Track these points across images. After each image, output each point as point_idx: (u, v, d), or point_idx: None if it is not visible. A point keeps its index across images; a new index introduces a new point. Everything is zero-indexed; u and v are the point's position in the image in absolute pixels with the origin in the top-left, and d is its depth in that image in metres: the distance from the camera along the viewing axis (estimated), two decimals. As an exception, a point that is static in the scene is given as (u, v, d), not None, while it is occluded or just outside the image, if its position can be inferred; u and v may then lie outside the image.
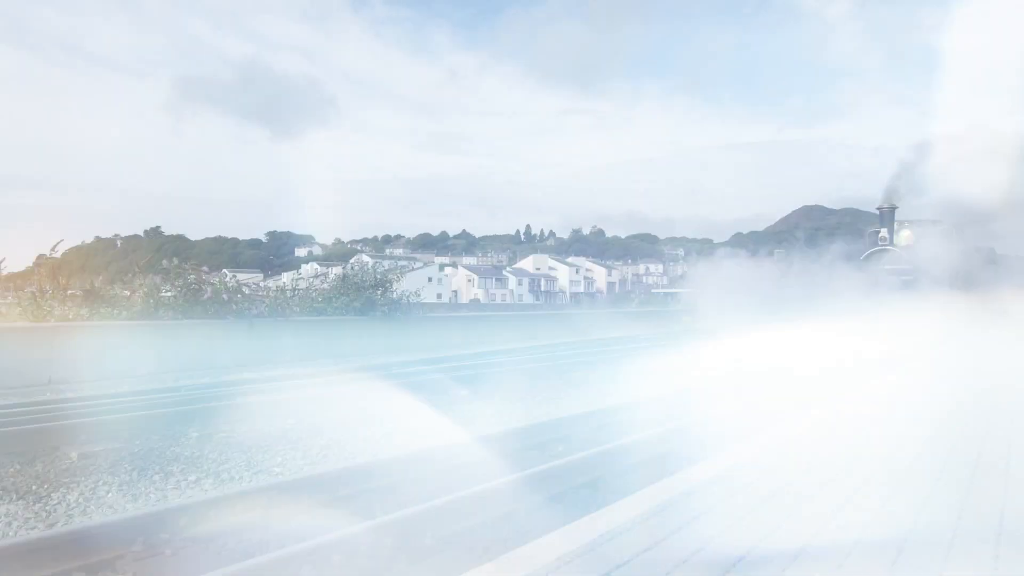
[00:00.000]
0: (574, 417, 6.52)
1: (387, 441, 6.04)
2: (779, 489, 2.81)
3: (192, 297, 10.79)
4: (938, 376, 7.53)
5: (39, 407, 6.75)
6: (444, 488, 3.94)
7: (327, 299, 13.76)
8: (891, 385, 6.52)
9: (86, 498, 4.24)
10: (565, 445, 5.57)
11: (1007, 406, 5.01)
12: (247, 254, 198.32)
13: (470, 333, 16.67)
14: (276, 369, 10.98)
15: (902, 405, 5.36)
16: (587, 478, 4.42)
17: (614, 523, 2.37)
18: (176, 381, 9.39)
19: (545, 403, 8.24)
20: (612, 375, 10.12)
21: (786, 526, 2.39)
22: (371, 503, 4.14)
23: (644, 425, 5.68)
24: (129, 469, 4.86)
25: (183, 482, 4.63)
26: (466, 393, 8.58)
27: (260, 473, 4.91)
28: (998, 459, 3.29)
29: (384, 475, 4.46)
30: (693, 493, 2.77)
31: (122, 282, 11.18)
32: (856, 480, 2.96)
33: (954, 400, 5.43)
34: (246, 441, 5.82)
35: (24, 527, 3.74)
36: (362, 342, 13.23)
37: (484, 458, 4.69)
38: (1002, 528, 2.34)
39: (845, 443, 3.77)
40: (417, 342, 14.66)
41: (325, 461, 5.29)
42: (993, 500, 2.65)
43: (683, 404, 6.89)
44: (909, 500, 2.66)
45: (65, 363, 8.76)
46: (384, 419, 6.95)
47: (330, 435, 6.16)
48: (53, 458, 5.16)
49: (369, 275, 14.24)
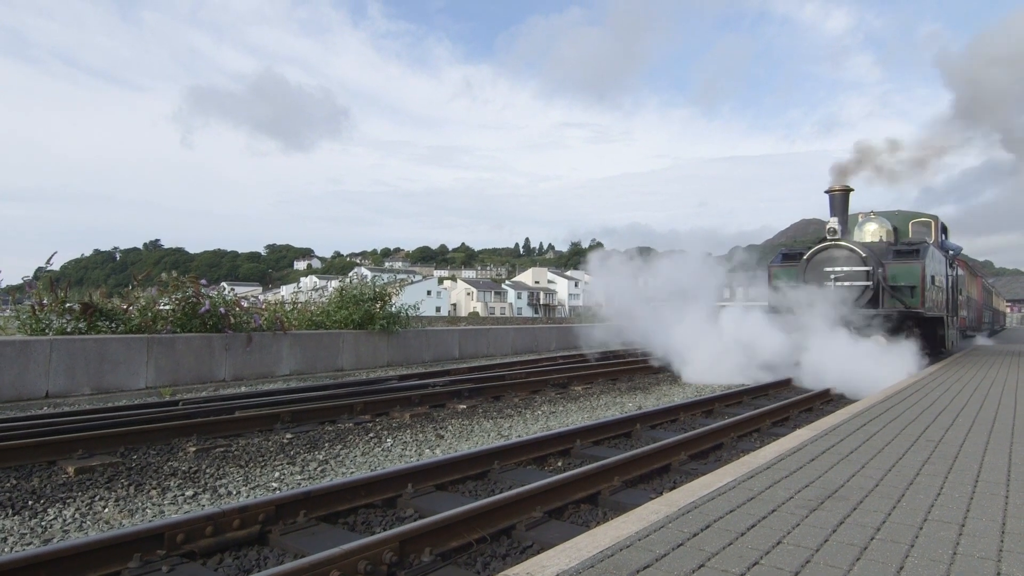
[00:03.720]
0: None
1: (384, 456, 6.03)
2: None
3: (190, 310, 10.77)
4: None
5: (36, 421, 6.72)
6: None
7: (326, 312, 13.75)
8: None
9: (82, 513, 4.21)
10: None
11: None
12: (246, 267, 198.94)
13: (467, 345, 16.65)
14: (274, 383, 10.96)
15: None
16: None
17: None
18: (174, 395, 9.36)
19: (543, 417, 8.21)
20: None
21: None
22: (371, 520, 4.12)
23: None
24: (126, 484, 4.84)
25: (180, 497, 4.61)
26: (464, 407, 8.57)
27: (257, 488, 4.89)
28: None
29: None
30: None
31: (120, 295, 11.16)
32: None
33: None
34: (243, 456, 5.80)
35: (20, 543, 3.72)
36: (362, 355, 13.21)
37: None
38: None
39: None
40: (416, 355, 14.66)
41: (322, 476, 5.28)
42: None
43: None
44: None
45: (62, 376, 8.73)
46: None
47: (328, 450, 6.15)
48: (50, 472, 5.14)
49: (368, 288, 14.23)
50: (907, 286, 11.94)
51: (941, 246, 15.08)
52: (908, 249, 12.54)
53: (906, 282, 11.96)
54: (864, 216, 13.99)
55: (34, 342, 8.55)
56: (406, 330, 14.46)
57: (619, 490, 4.67)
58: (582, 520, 4.16)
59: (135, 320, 10.23)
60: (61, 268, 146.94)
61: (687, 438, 5.99)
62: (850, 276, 12.17)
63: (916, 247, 12.54)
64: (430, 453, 6.16)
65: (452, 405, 8.76)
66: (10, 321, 9.84)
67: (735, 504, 3.11)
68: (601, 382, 11.74)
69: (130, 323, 10.16)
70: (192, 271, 20.03)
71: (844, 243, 12.42)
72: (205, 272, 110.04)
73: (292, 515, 3.87)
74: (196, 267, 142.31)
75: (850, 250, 12.28)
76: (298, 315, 13.41)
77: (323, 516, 4.01)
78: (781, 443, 4.66)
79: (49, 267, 10.79)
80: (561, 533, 3.68)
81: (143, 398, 9.10)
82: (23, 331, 9.50)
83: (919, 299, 11.89)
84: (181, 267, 17.30)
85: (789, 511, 3.02)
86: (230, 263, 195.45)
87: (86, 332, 9.64)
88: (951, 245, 16.26)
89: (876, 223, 13.59)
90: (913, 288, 11.93)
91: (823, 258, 12.53)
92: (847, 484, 3.52)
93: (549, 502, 4.17)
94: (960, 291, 17.83)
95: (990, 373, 10.20)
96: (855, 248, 12.28)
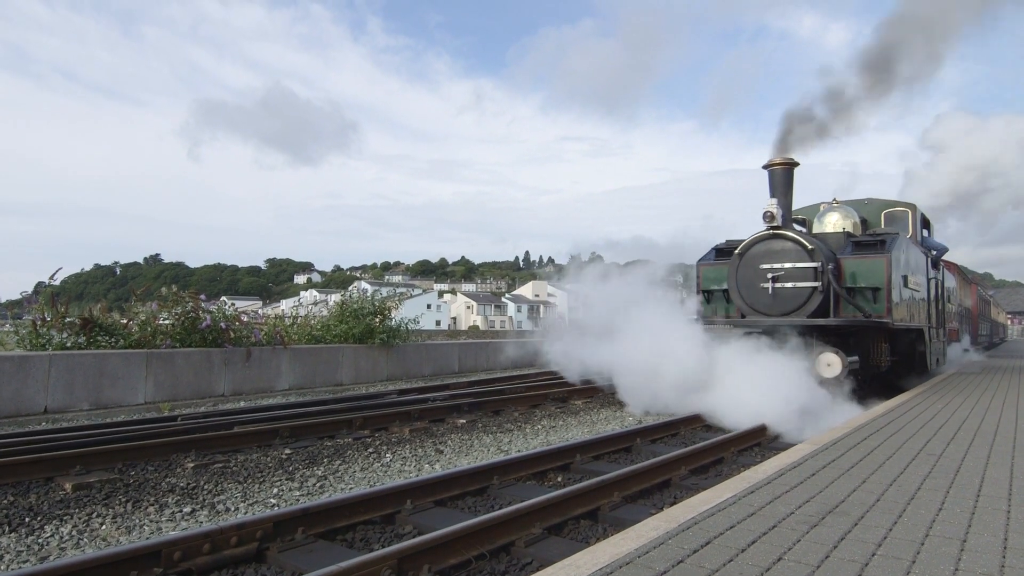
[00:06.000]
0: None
1: (383, 471, 6.00)
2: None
3: (190, 325, 10.76)
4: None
5: (34, 436, 6.70)
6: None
7: (325, 327, 13.75)
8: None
9: (80, 530, 4.19)
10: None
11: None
12: (246, 281, 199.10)
13: (467, 359, 16.63)
14: (273, 398, 10.93)
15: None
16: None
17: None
18: (173, 410, 9.34)
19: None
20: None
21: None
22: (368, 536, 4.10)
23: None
24: (124, 500, 4.81)
25: (178, 514, 4.58)
26: (464, 422, 8.55)
27: (256, 505, 4.86)
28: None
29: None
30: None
31: (120, 309, 11.16)
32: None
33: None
34: (242, 472, 5.77)
35: (16, 561, 3.69)
36: (361, 370, 13.18)
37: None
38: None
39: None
40: (416, 369, 14.63)
41: (321, 491, 5.25)
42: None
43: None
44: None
45: (61, 392, 8.71)
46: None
47: (327, 465, 6.13)
48: (47, 489, 5.11)
49: (368, 302, 14.22)
50: (869, 288, 9.23)
51: (922, 242, 12.40)
52: (871, 241, 9.68)
53: (867, 283, 9.23)
54: (827, 205, 11.38)
55: (33, 357, 8.54)
56: (406, 344, 14.44)
57: (619, 506, 4.65)
58: (582, 536, 4.13)
59: (135, 335, 10.23)
60: (61, 283, 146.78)
61: (687, 452, 5.97)
62: (792, 275, 9.23)
63: (881, 237, 9.70)
64: (429, 468, 6.13)
65: (451, 420, 8.73)
66: (9, 336, 9.83)
67: (735, 520, 3.09)
68: (601, 396, 11.71)
69: (130, 338, 10.15)
70: (192, 285, 20.03)
71: (786, 233, 9.40)
72: (205, 286, 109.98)
73: (290, 532, 3.85)
74: (196, 281, 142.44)
75: (793, 241, 9.29)
76: (298, 329, 13.39)
77: (321, 533, 3.99)
78: (781, 457, 4.64)
79: (52, 282, 10.79)
80: (561, 550, 3.66)
81: (142, 413, 9.07)
82: (22, 346, 9.49)
83: (884, 304, 9.13)
84: (181, 281, 17.34)
85: (790, 527, 3.00)
86: (230, 277, 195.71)
87: (86, 347, 9.63)
88: (934, 243, 13.69)
89: (840, 213, 10.91)
90: (876, 291, 9.18)
91: (759, 252, 9.52)
92: (848, 499, 3.50)
93: (549, 518, 4.14)
94: (949, 299, 15.00)
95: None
96: (800, 239, 9.25)
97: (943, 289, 13.83)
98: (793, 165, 9.65)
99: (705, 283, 10.69)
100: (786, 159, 9.66)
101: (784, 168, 9.64)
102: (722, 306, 10.42)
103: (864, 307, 9.07)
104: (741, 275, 9.66)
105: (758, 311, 9.53)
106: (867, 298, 9.23)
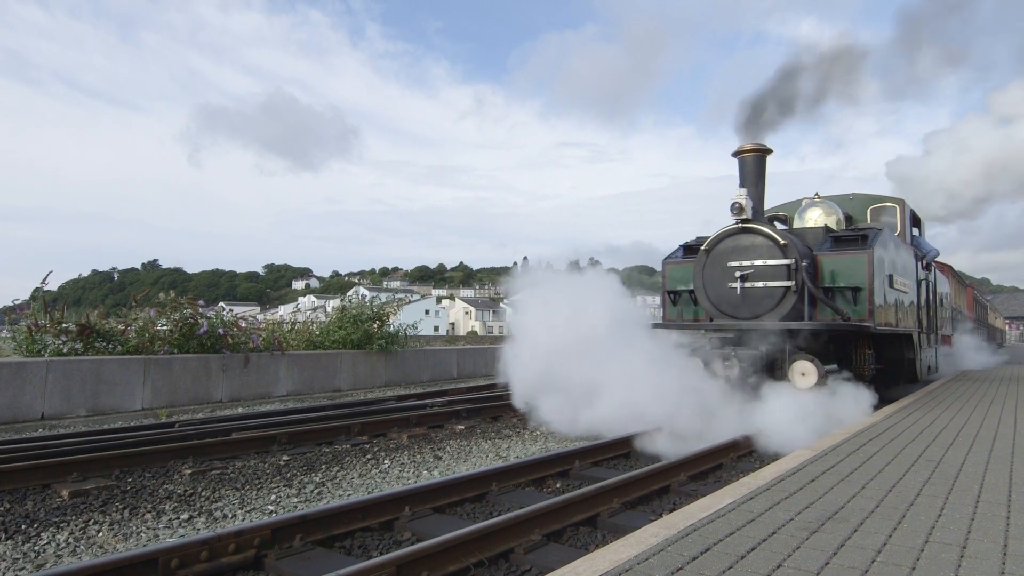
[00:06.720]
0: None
1: (381, 478, 5.98)
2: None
3: (188, 331, 10.74)
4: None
5: (30, 443, 6.67)
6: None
7: (324, 332, 13.73)
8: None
9: (76, 538, 4.17)
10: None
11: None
12: (244, 286, 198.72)
13: (465, 365, 16.61)
14: (271, 404, 10.90)
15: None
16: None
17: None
18: (170, 416, 9.31)
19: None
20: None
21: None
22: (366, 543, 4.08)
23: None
24: (121, 507, 4.79)
25: (175, 521, 4.56)
26: (462, 428, 8.51)
27: (253, 511, 4.84)
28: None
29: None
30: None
31: (118, 315, 11.13)
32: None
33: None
34: (240, 478, 5.75)
35: (12, 568, 3.67)
36: (359, 376, 13.16)
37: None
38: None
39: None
40: (414, 375, 14.61)
41: (319, 498, 5.23)
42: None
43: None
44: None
45: (58, 398, 8.68)
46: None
47: (325, 471, 6.11)
48: (44, 496, 5.09)
49: (367, 308, 14.21)
50: (849, 287, 8.41)
51: (912, 241, 11.50)
52: (851, 236, 8.81)
53: (847, 282, 8.42)
54: (808, 200, 10.56)
55: (30, 363, 8.51)
56: (404, 350, 14.42)
57: (618, 512, 4.63)
58: (581, 543, 4.12)
59: (132, 341, 10.20)
60: (59, 288, 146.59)
61: (687, 458, 5.95)
62: (763, 274, 8.38)
63: (863, 232, 8.81)
64: (428, 474, 6.12)
65: (450, 425, 8.72)
66: (6, 342, 9.80)
67: (735, 527, 3.08)
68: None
69: (127, 344, 10.13)
70: (190, 291, 19.99)
71: (756, 227, 8.54)
72: (203, 292, 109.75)
73: (288, 539, 3.83)
74: (194, 287, 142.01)
75: (764, 236, 8.45)
76: (296, 335, 13.37)
77: (319, 540, 3.97)
78: (781, 464, 4.63)
79: (45, 287, 10.75)
80: (560, 556, 3.65)
81: (139, 420, 9.04)
82: (19, 352, 9.46)
83: (865, 306, 8.33)
84: (179, 287, 17.30)
85: (789, 533, 3.00)
86: (228, 283, 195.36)
87: (83, 353, 9.60)
88: (925, 244, 12.83)
89: (822, 208, 10.01)
90: (857, 291, 8.36)
91: (726, 248, 8.70)
92: (847, 505, 3.49)
93: (548, 525, 4.13)
94: (941, 302, 14.11)
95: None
96: (771, 233, 8.41)
97: (935, 292, 13.03)
98: (766, 152, 8.84)
99: (671, 283, 9.84)
100: (758, 145, 8.82)
101: (755, 155, 8.80)
102: (689, 308, 9.58)
103: (843, 309, 8.23)
104: (707, 274, 8.83)
105: (726, 313, 8.69)
106: (847, 299, 8.42)
